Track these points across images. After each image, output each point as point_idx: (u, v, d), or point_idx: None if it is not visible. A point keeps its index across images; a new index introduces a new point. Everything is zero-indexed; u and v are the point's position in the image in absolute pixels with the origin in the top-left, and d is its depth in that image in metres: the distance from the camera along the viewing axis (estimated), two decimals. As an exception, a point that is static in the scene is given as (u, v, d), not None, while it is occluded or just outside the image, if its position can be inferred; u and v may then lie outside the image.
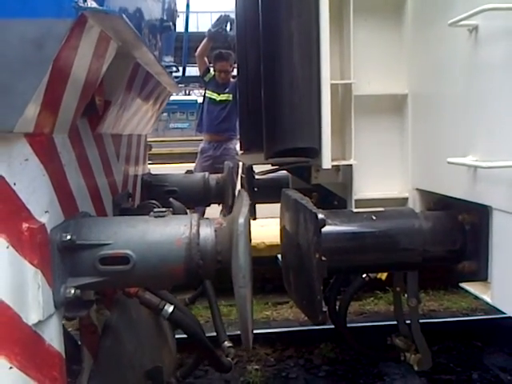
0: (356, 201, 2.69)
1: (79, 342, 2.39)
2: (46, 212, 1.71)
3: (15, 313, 1.57)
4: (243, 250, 1.61)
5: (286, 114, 2.46)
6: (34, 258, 1.61)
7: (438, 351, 4.60)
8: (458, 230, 2.34)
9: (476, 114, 2.13)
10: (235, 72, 4.77)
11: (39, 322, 1.66)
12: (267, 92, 2.59)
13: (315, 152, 2.50)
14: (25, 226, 1.59)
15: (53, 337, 1.77)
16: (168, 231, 1.89)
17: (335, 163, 2.57)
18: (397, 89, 2.73)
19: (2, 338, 1.55)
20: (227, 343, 3.09)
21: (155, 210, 1.98)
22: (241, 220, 1.65)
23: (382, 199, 2.70)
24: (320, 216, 1.82)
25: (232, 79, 7.06)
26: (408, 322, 3.09)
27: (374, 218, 2.36)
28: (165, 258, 1.85)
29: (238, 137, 4.88)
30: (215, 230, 1.93)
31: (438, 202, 2.56)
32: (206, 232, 1.92)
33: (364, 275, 3.42)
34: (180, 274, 1.88)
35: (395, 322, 4.05)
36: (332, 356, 4.61)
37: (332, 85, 2.48)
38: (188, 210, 3.33)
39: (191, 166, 7.05)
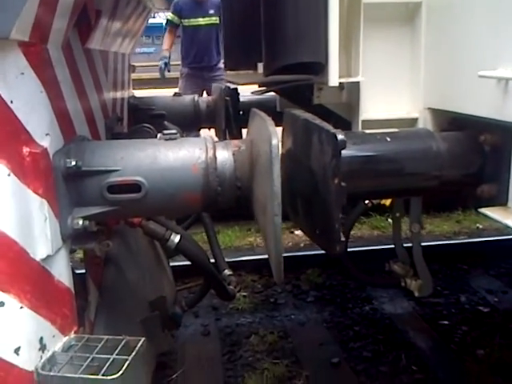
0: (363, 121, 2.51)
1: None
2: (46, 135, 1.50)
3: (22, 248, 1.41)
4: (277, 174, 1.45)
5: (289, 25, 2.21)
6: (39, 187, 1.43)
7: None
8: (477, 152, 2.21)
9: (508, 21, 1.95)
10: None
11: (48, 256, 1.50)
12: (267, 2, 2.31)
13: (319, 68, 2.28)
14: (26, 150, 1.39)
15: (62, 272, 1.62)
16: (182, 155, 1.71)
17: (342, 80, 2.35)
18: None
19: (10, 276, 1.39)
20: (227, 271, 3.01)
21: (165, 131, 1.78)
22: (274, 141, 1.47)
23: (390, 120, 2.53)
24: (340, 136, 1.62)
25: None
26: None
27: (389, 139, 2.19)
28: (180, 186, 1.69)
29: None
30: (233, 154, 1.76)
31: (453, 122, 2.41)
32: (224, 156, 1.75)
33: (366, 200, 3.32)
34: (197, 203, 1.73)
35: (387, 247, 4.05)
36: (319, 281, 4.61)
37: (339, -10, 2.23)
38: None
39: (160, 92, 6.68)
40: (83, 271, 2.24)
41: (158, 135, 1.78)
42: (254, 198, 1.72)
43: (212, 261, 2.85)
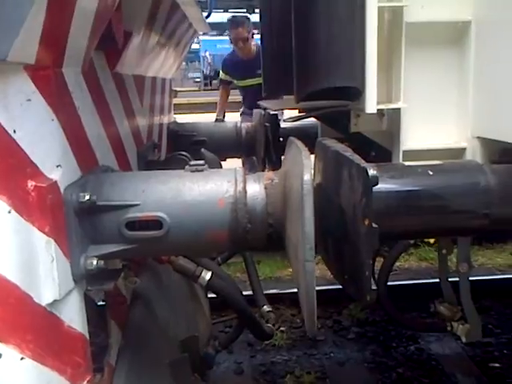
0: (404, 152, 2.27)
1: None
2: (57, 166, 1.37)
3: (24, 292, 1.26)
4: (310, 214, 1.25)
5: (321, 47, 2.02)
6: (45, 225, 1.28)
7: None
8: None
9: None
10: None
11: (55, 301, 1.35)
12: (298, 21, 2.12)
13: (356, 93, 2.08)
14: (31, 184, 1.25)
15: (73, 316, 1.47)
16: (208, 189, 1.54)
17: (381, 106, 2.15)
18: (458, 14, 2.23)
19: (10, 324, 1.25)
20: (266, 307, 2.80)
21: (191, 163, 1.62)
22: (306, 176, 1.28)
23: (435, 150, 2.28)
24: (372, 172, 1.38)
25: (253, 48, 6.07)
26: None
27: (431, 172, 1.90)
28: (205, 222, 1.51)
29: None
30: (265, 188, 1.57)
31: (506, 154, 2.13)
32: (255, 190, 1.56)
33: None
34: (224, 241, 1.55)
35: (433, 281, 3.71)
36: (362, 317, 4.33)
37: (379, 8, 2.02)
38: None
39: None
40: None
41: (185, 167, 1.62)
42: (287, 237, 1.52)
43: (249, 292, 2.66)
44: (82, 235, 1.46)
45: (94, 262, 1.47)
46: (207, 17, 3.85)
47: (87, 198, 1.42)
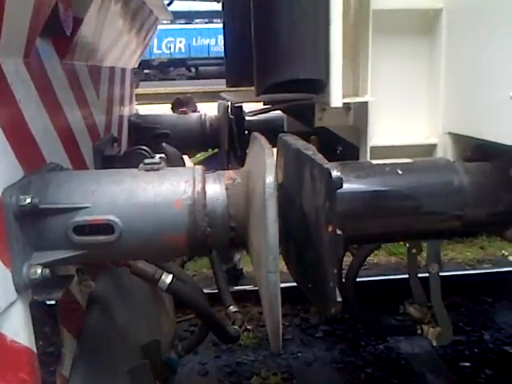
0: (372, 148, 2.14)
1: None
2: (-7, 167, 1.23)
3: (-43, 308, 1.13)
4: (273, 221, 1.15)
5: (283, 36, 1.87)
6: (-21, 232, 1.15)
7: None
8: (506, 187, 1.83)
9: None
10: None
11: (-7, 315, 1.22)
12: (258, 7, 1.96)
13: (320, 86, 1.95)
14: (-40, 187, 1.12)
15: (17, 329, 1.35)
16: (164, 189, 1.43)
17: (347, 100, 2.00)
18: (428, 1, 2.10)
19: None
20: (233, 308, 2.71)
21: (146, 161, 1.50)
22: (269, 178, 1.18)
23: (404, 146, 2.13)
24: (335, 174, 1.27)
25: None
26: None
27: (400, 172, 1.79)
28: (161, 226, 1.40)
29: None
30: (226, 188, 1.47)
31: (478, 151, 2.01)
32: (215, 190, 1.46)
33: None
34: (181, 246, 1.44)
35: (403, 277, 3.63)
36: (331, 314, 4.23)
37: (344, -5, 1.88)
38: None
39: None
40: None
41: (139, 165, 1.50)
42: (250, 242, 1.42)
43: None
44: (25, 242, 1.33)
45: (39, 271, 1.34)
46: (169, 4, 3.68)
47: (28, 200, 1.29)
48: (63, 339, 1.79)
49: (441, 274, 2.67)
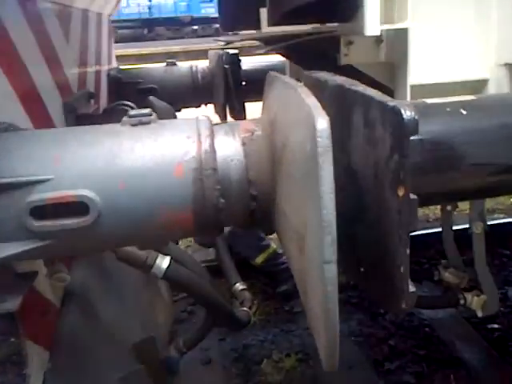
0: (412, 87, 1.78)
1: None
2: None
3: None
4: (330, 188, 0.75)
5: None
6: None
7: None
8: None
9: None
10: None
11: None
12: None
13: (347, 13, 1.57)
14: None
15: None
16: (159, 150, 1.02)
17: (386, 26, 1.63)
18: None
19: None
20: (240, 285, 2.33)
21: (131, 112, 1.08)
22: (321, 124, 0.77)
23: (450, 83, 1.77)
24: (408, 114, 0.91)
25: None
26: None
27: (464, 111, 1.40)
28: (156, 201, 1.00)
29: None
30: (243, 144, 1.06)
31: None
32: (228, 147, 1.06)
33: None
34: (186, 226, 1.04)
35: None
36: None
37: None
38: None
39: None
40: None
41: (123, 118, 1.08)
42: (280, 215, 1.03)
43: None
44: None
45: (-16, 272, 0.95)
46: None
47: (-40, 173, 0.88)
48: (28, 355, 1.37)
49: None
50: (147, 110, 1.07)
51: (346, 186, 1.05)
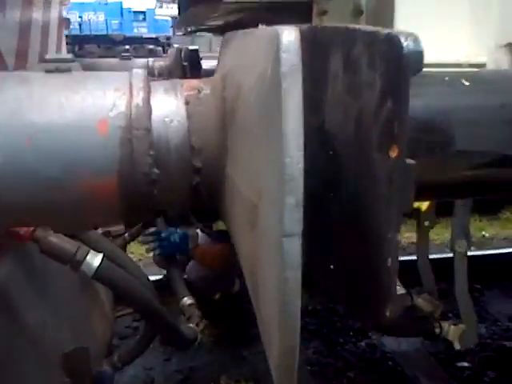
0: None
1: None
2: None
3: None
4: (296, 122, 0.56)
5: None
6: None
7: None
8: None
9: None
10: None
11: None
12: None
13: None
14: None
15: None
16: (79, 102, 0.82)
17: None
18: None
19: None
20: (187, 299, 2.10)
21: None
22: (288, 34, 0.58)
23: (440, 64, 1.62)
24: (408, 43, 0.71)
25: None
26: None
27: (467, 82, 1.13)
28: (71, 165, 0.79)
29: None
30: (186, 103, 0.87)
31: None
32: (167, 105, 0.87)
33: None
34: (109, 200, 0.83)
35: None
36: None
37: None
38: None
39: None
40: None
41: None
42: (230, 190, 0.84)
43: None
44: None
45: None
46: None
47: None
48: None
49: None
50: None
51: (316, 154, 0.85)
